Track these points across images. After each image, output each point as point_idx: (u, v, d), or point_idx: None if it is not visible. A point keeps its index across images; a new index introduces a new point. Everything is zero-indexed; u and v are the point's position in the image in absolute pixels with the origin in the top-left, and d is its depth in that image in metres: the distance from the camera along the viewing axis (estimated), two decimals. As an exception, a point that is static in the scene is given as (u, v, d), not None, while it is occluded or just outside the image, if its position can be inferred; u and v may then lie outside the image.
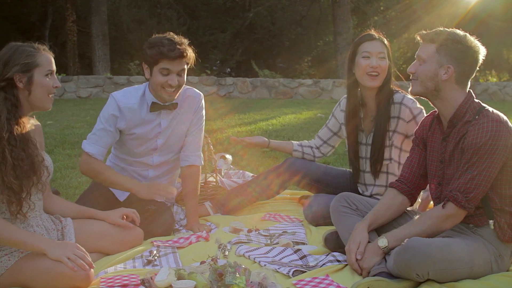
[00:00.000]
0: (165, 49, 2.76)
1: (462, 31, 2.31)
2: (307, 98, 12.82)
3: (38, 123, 2.52)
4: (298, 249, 2.60)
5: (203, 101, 3.13)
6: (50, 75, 2.36)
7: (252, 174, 3.83)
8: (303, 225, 3.11)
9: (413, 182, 2.50)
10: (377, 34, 3.01)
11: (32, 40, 2.43)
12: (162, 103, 2.95)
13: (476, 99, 2.30)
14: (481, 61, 2.30)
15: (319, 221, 3.06)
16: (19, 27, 19.05)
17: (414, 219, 2.37)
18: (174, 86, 2.85)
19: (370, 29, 3.05)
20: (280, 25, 21.28)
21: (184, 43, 2.84)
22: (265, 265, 2.44)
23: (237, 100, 12.12)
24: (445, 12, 15.17)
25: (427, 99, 2.38)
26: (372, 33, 3.01)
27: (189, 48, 2.86)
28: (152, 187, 2.93)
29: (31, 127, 2.40)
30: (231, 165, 3.93)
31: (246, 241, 2.79)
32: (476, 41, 2.29)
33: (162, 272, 2.18)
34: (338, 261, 2.47)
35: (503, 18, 16.44)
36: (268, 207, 3.51)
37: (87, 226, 2.58)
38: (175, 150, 3.12)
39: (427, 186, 2.55)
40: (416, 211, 2.69)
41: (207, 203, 3.37)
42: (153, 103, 2.94)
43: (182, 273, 2.17)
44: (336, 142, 3.39)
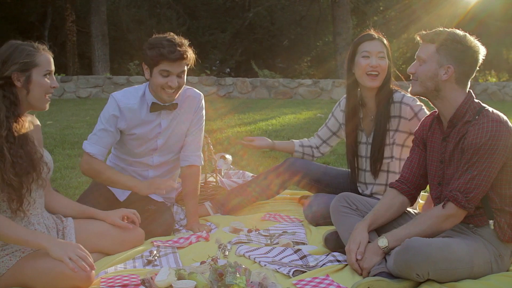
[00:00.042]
0: (165, 51, 2.75)
1: (461, 31, 2.32)
2: (306, 98, 12.83)
3: (37, 120, 2.52)
4: (298, 249, 2.60)
5: (203, 101, 3.13)
6: (49, 75, 2.36)
7: (252, 174, 3.83)
8: (303, 225, 3.11)
9: (413, 183, 2.50)
10: (376, 34, 3.02)
11: (31, 40, 2.43)
12: (162, 104, 2.95)
13: (476, 99, 2.30)
14: (481, 61, 2.30)
15: (319, 221, 3.06)
16: (18, 27, 19.04)
17: (414, 219, 2.37)
18: (174, 88, 2.85)
19: (370, 29, 3.06)
20: (280, 25, 21.28)
21: (185, 44, 2.82)
22: (265, 265, 2.43)
23: (236, 100, 12.12)
24: (445, 12, 15.17)
25: (427, 99, 2.38)
26: (372, 33, 3.01)
27: (189, 49, 2.84)
28: (152, 183, 2.93)
29: (30, 124, 2.40)
30: (231, 165, 3.93)
31: (246, 241, 2.79)
32: (476, 41, 2.29)
33: (162, 272, 2.18)
34: (338, 261, 2.47)
35: (503, 18, 16.46)
36: (268, 207, 3.51)
37: (87, 226, 2.58)
38: (175, 150, 3.12)
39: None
40: (416, 211, 2.69)
41: (207, 203, 3.37)
42: (153, 103, 2.94)
43: (182, 273, 2.17)
44: (334, 142, 3.41)
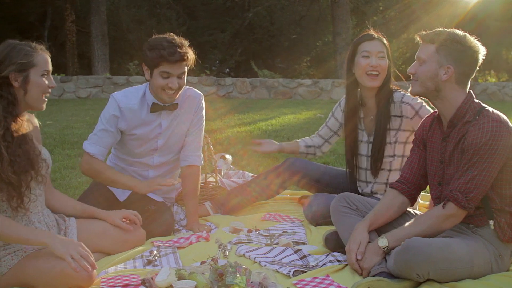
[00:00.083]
0: (165, 53, 2.74)
1: (461, 31, 2.32)
2: (306, 98, 12.84)
3: (35, 119, 2.51)
4: (299, 249, 2.60)
5: (203, 101, 3.13)
6: (46, 75, 2.35)
7: (252, 174, 3.84)
8: (303, 225, 3.11)
9: (413, 183, 2.50)
10: (376, 34, 3.02)
11: (31, 40, 2.42)
12: (162, 104, 2.95)
13: (476, 99, 2.31)
14: (481, 61, 2.30)
15: (319, 220, 3.06)
16: (18, 27, 19.02)
17: (414, 219, 2.37)
18: (175, 89, 2.85)
19: (370, 29, 3.06)
20: (279, 25, 21.29)
21: (185, 45, 2.82)
22: (265, 265, 2.43)
23: (236, 100, 12.12)
24: (444, 13, 15.17)
25: (427, 100, 2.38)
26: (372, 33, 3.02)
27: (190, 50, 2.83)
28: (152, 181, 2.94)
29: (28, 123, 2.39)
30: (231, 165, 3.93)
31: (246, 241, 2.79)
32: (476, 41, 2.29)
33: (162, 272, 2.18)
34: (338, 261, 2.47)
35: (502, 18, 16.46)
36: (268, 207, 3.51)
37: (89, 225, 2.59)
38: (175, 151, 3.12)
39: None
40: (417, 211, 2.69)
41: (207, 203, 3.37)
42: (154, 104, 2.94)
43: (183, 273, 2.17)
44: (335, 140, 3.45)
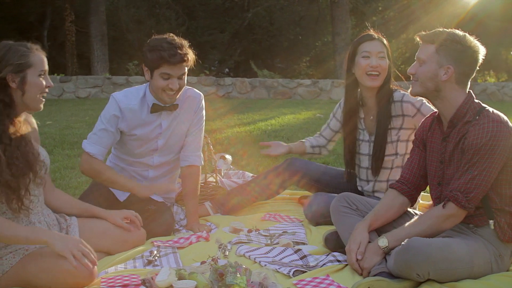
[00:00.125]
0: (165, 54, 2.74)
1: (461, 31, 2.32)
2: (306, 98, 12.84)
3: (32, 119, 2.50)
4: (299, 249, 2.61)
5: (203, 101, 3.13)
6: (43, 75, 2.33)
7: (252, 174, 3.84)
8: (303, 225, 3.11)
9: (414, 183, 2.50)
10: (376, 34, 3.02)
11: (30, 40, 2.42)
12: (162, 105, 2.95)
13: (476, 100, 2.31)
14: (481, 61, 2.30)
15: (319, 220, 3.06)
16: (17, 27, 19.01)
17: (414, 219, 2.37)
18: (175, 90, 2.85)
19: (369, 29, 3.06)
20: (279, 25, 21.28)
21: (185, 45, 2.81)
22: (265, 265, 2.43)
23: (236, 100, 12.13)
24: (444, 13, 15.18)
25: (427, 100, 2.38)
26: (372, 33, 3.02)
27: (190, 51, 2.83)
28: (152, 186, 2.94)
29: (26, 124, 2.38)
30: (230, 165, 3.94)
31: (247, 241, 2.79)
32: (476, 41, 2.29)
33: (162, 272, 2.18)
34: (339, 261, 2.47)
35: (502, 18, 16.47)
36: (268, 207, 3.51)
37: (90, 225, 2.58)
38: (175, 151, 3.12)
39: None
40: (417, 211, 2.69)
41: (207, 203, 3.37)
42: (154, 104, 2.93)
43: (183, 273, 2.17)
44: (337, 138, 3.46)
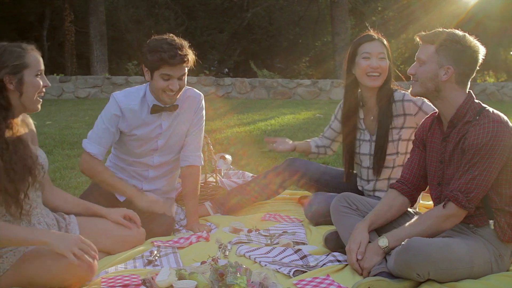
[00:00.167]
0: (166, 55, 2.74)
1: (461, 31, 2.32)
2: (305, 98, 12.84)
3: (29, 119, 2.48)
4: (299, 249, 2.61)
5: (203, 101, 3.13)
6: (40, 75, 2.32)
7: (252, 174, 3.84)
8: (303, 225, 3.12)
9: (414, 183, 2.50)
10: (376, 34, 3.02)
11: (30, 40, 2.41)
12: (162, 105, 2.95)
13: (476, 100, 2.31)
14: (481, 60, 2.30)
15: (319, 219, 3.06)
16: (17, 27, 19.02)
17: (415, 219, 2.37)
18: (175, 91, 2.85)
19: (369, 30, 3.06)
20: (278, 25, 21.29)
21: (185, 46, 2.81)
22: (265, 265, 2.43)
23: (235, 101, 12.13)
24: (444, 13, 15.19)
25: (428, 100, 2.39)
26: (372, 33, 3.02)
27: (190, 51, 2.83)
28: (153, 203, 2.95)
29: (23, 125, 2.36)
30: (230, 165, 3.94)
31: (247, 241, 2.79)
32: (476, 41, 2.29)
33: (163, 272, 2.18)
34: (339, 261, 2.47)
35: (501, 18, 16.49)
36: (268, 207, 3.51)
37: (90, 225, 2.58)
38: (175, 151, 3.12)
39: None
40: (417, 211, 2.69)
41: (207, 203, 3.37)
42: (154, 105, 2.93)
43: (183, 273, 2.17)
44: (341, 138, 3.43)
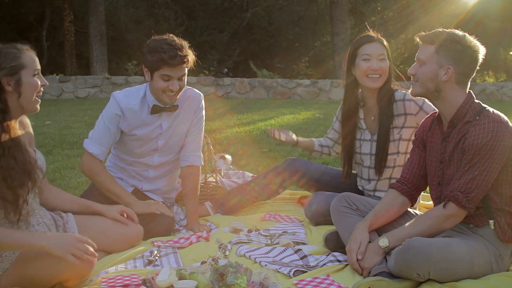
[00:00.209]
0: (166, 56, 2.74)
1: (461, 31, 2.32)
2: (305, 98, 12.84)
3: (26, 118, 2.45)
4: (299, 249, 2.61)
5: (203, 101, 3.13)
6: (37, 74, 2.30)
7: (252, 174, 3.84)
8: (303, 225, 3.12)
9: (414, 183, 2.50)
10: (375, 34, 3.02)
11: (30, 40, 2.41)
12: (163, 105, 2.95)
13: (476, 100, 2.31)
14: (481, 60, 2.30)
15: (318, 219, 3.06)
16: (17, 27, 19.02)
17: (415, 219, 2.37)
18: (175, 91, 2.85)
19: (369, 30, 3.06)
20: (278, 25, 21.28)
21: (185, 47, 2.81)
22: (266, 265, 2.44)
23: (235, 101, 12.13)
24: (443, 13, 15.19)
25: (428, 100, 2.39)
26: (371, 34, 3.01)
27: (190, 52, 2.83)
28: (150, 204, 2.96)
29: (20, 127, 2.33)
30: (230, 165, 3.94)
31: (247, 241, 2.79)
32: (476, 40, 2.29)
33: (163, 272, 2.18)
34: (339, 261, 2.47)
35: (500, 18, 16.50)
36: (268, 207, 3.51)
37: (88, 223, 2.57)
38: (175, 151, 3.12)
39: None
40: (416, 211, 2.70)
41: (207, 203, 3.37)
42: (154, 105, 2.93)
43: (183, 273, 2.17)
44: None
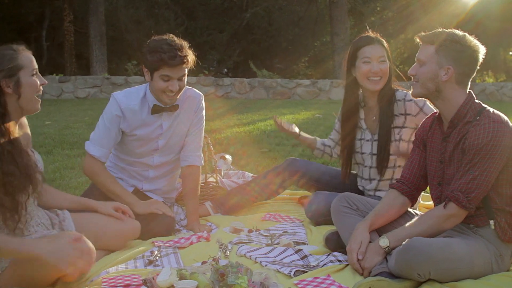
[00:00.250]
0: (165, 56, 2.74)
1: (460, 31, 2.32)
2: (304, 98, 12.84)
3: (23, 118, 2.43)
4: (299, 249, 2.61)
5: (203, 101, 3.13)
6: (35, 74, 2.29)
7: (252, 174, 3.85)
8: (303, 225, 3.12)
9: (414, 183, 2.50)
10: (374, 34, 3.01)
11: (29, 40, 2.41)
12: (163, 106, 2.95)
13: (476, 100, 2.31)
14: (481, 60, 2.30)
15: (319, 219, 3.07)
16: (16, 27, 18.96)
17: (415, 219, 2.38)
18: (175, 91, 2.85)
19: (368, 30, 3.05)
20: (278, 25, 21.29)
21: (185, 47, 2.81)
22: (266, 265, 2.43)
23: (235, 101, 12.13)
24: (443, 13, 15.20)
25: (429, 101, 2.39)
26: (371, 35, 3.00)
27: (190, 52, 2.83)
28: (151, 204, 2.96)
29: (19, 128, 2.31)
30: (230, 165, 3.94)
31: (247, 241, 2.79)
32: (476, 40, 2.29)
33: (164, 272, 2.18)
34: (339, 261, 2.47)
35: (500, 19, 16.51)
36: (268, 207, 3.51)
37: (85, 222, 2.55)
38: (176, 151, 3.12)
39: None
40: (417, 211, 2.70)
41: (208, 203, 3.37)
42: (155, 105, 2.93)
43: (184, 273, 2.17)
44: None
